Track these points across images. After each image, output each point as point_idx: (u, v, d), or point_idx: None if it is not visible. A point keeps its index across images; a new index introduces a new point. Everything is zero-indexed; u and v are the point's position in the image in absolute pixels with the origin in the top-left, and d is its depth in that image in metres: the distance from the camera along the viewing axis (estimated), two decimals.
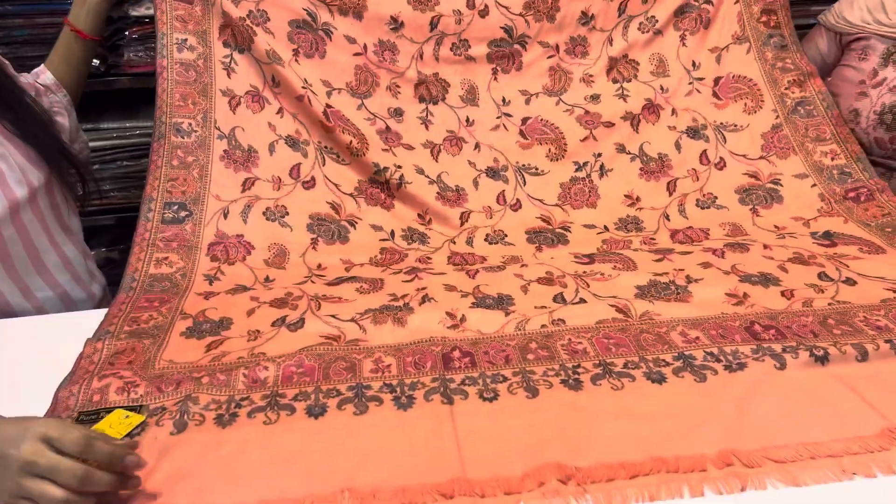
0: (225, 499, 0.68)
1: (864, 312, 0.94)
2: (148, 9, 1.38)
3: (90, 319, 1.00)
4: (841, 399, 0.78)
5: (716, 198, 1.32)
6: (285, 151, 1.30)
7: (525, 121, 1.38)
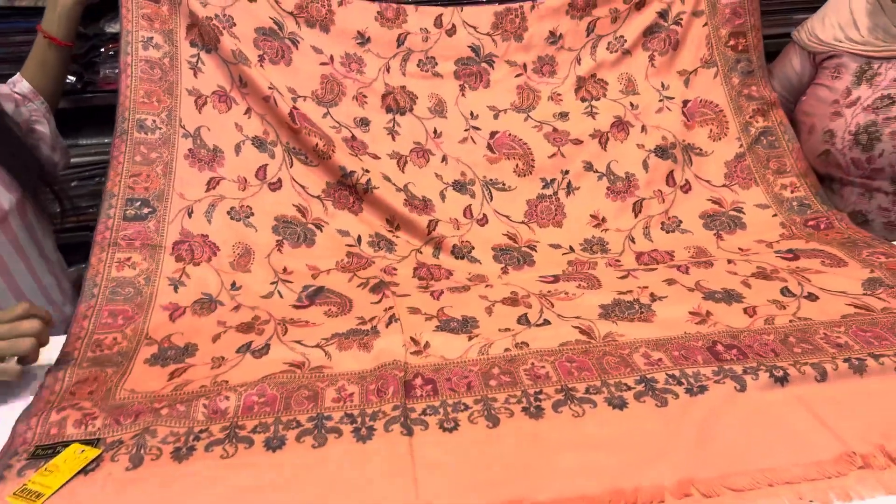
0: None
1: (824, 329, 0.95)
2: None
3: (59, 344, 0.98)
4: (799, 422, 0.78)
5: (681, 221, 1.31)
6: (251, 152, 1.29)
7: (493, 135, 1.37)
